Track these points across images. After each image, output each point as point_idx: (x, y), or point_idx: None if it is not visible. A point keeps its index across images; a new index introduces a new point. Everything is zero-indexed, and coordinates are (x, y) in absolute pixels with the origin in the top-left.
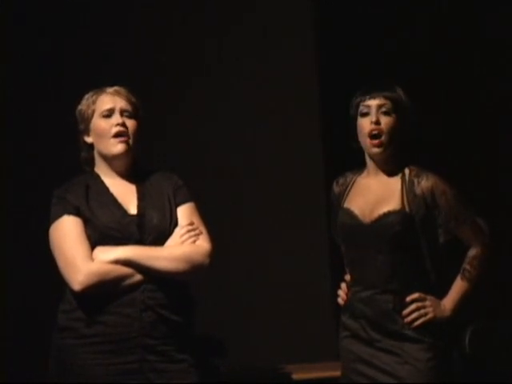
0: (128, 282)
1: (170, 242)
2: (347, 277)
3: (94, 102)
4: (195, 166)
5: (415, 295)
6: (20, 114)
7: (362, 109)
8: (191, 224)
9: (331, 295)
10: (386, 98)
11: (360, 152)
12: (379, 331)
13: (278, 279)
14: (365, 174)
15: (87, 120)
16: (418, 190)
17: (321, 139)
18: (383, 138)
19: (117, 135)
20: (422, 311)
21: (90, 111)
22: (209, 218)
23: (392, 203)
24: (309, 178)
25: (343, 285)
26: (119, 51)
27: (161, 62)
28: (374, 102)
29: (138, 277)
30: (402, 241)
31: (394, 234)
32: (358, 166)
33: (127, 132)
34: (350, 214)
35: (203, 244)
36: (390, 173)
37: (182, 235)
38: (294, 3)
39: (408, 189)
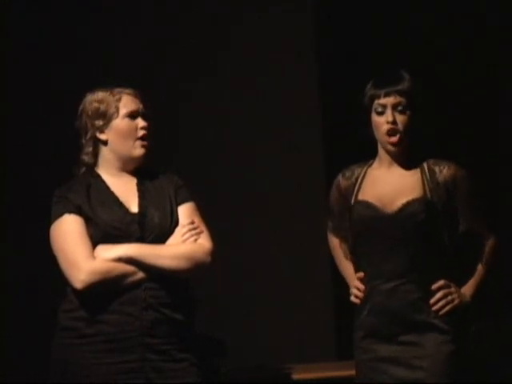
0: (130, 280)
1: (172, 240)
2: (360, 274)
3: (118, 100)
4: (195, 165)
5: (441, 282)
6: (20, 113)
7: (376, 107)
8: (192, 223)
9: (331, 295)
10: (400, 94)
11: (367, 143)
12: (401, 324)
13: (278, 279)
14: (376, 165)
15: (108, 117)
16: (440, 178)
17: (321, 139)
18: (400, 135)
19: (141, 138)
20: (449, 298)
21: (112, 109)
22: (209, 217)
23: (414, 192)
24: (309, 178)
25: (357, 283)
26: (120, 50)
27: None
28: (389, 101)
29: (139, 275)
30: (425, 230)
31: (418, 222)
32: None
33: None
34: (368, 205)
35: (204, 243)
36: (406, 164)
37: (184, 234)
38: (294, 3)
39: (429, 178)
